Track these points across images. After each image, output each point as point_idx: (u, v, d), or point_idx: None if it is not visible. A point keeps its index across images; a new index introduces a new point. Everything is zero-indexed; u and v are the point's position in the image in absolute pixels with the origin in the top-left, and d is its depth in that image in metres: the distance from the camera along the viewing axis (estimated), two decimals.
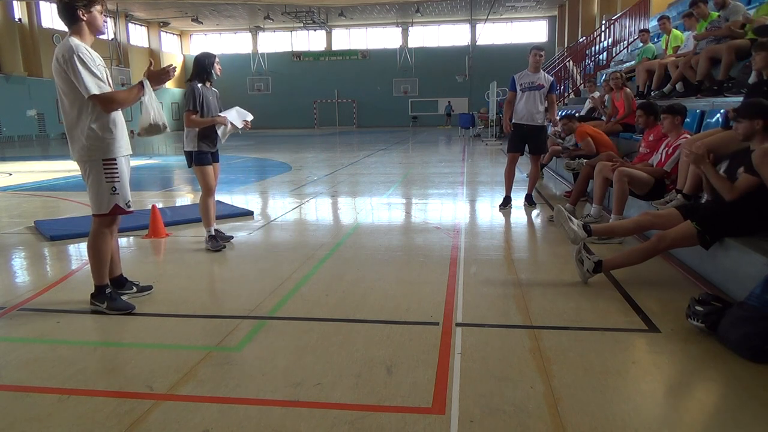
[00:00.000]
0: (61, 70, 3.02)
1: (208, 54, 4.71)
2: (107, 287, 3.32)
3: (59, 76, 3.05)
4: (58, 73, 3.04)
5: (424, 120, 39.43)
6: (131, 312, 3.26)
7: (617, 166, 4.92)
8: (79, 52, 2.98)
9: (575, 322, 3.01)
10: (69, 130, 3.15)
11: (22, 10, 28.10)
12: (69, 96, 3.08)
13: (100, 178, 3.15)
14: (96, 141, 3.10)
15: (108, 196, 3.17)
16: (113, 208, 3.20)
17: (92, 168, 3.15)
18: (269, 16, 34.37)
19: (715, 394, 2.39)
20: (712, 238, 3.34)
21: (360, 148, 17.49)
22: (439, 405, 2.18)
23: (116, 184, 3.19)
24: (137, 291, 3.55)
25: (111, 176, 3.16)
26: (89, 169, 3.16)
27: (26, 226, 5.80)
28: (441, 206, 7.07)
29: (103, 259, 3.28)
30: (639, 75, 8.72)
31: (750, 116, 3.38)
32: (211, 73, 4.67)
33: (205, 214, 4.79)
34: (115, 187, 3.18)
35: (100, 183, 3.15)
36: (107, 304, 3.26)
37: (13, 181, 10.17)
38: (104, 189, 3.16)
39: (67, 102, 3.11)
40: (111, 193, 3.17)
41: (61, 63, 3.00)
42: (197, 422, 2.09)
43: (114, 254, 3.43)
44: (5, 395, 2.34)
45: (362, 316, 3.18)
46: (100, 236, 3.25)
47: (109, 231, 3.28)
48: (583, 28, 26.52)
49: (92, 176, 3.16)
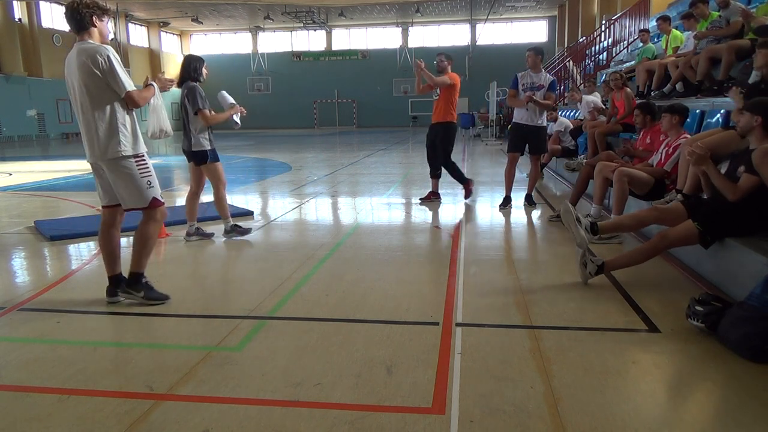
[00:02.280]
0: (90, 70, 3.08)
1: (197, 57, 4.96)
2: (143, 276, 3.40)
3: (89, 77, 3.10)
4: (88, 73, 3.09)
5: (424, 120, 39.34)
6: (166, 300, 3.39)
7: (617, 166, 4.92)
8: (111, 52, 3.12)
9: (575, 322, 3.01)
10: (93, 130, 3.19)
11: (22, 10, 28.08)
12: (97, 96, 3.15)
13: (134, 174, 3.26)
14: (128, 137, 3.24)
15: (145, 190, 3.29)
16: (152, 201, 3.32)
17: (126, 165, 3.24)
18: (269, 16, 34.36)
19: (715, 394, 2.39)
20: (712, 238, 3.34)
21: (360, 148, 17.49)
22: (439, 405, 2.18)
23: (151, 179, 3.32)
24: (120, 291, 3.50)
25: (144, 171, 3.30)
26: (121, 167, 3.23)
27: (26, 226, 5.80)
28: (441, 206, 7.07)
29: (150, 248, 3.40)
30: (639, 75, 8.72)
31: (752, 111, 3.39)
32: (201, 75, 4.84)
33: (225, 207, 5.06)
34: (150, 181, 3.32)
35: (136, 178, 3.26)
36: (144, 293, 3.36)
37: (13, 181, 10.17)
38: (142, 184, 3.28)
39: (93, 102, 3.15)
40: (148, 187, 3.30)
41: (93, 64, 3.07)
42: (197, 422, 2.09)
43: (116, 251, 3.46)
44: (5, 395, 2.34)
45: (362, 316, 3.18)
46: (153, 223, 3.37)
47: (162, 220, 3.44)
48: (583, 28, 26.51)
49: (126, 173, 3.24)
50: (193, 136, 4.81)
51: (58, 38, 30.29)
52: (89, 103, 3.16)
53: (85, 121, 3.22)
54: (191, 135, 4.82)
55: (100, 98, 3.15)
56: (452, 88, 6.63)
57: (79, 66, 3.11)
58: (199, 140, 4.82)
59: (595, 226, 3.65)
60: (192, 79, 4.81)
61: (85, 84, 3.12)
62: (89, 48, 3.11)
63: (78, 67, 3.11)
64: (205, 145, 4.84)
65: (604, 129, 7.38)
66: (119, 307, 3.37)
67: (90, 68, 3.08)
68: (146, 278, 3.42)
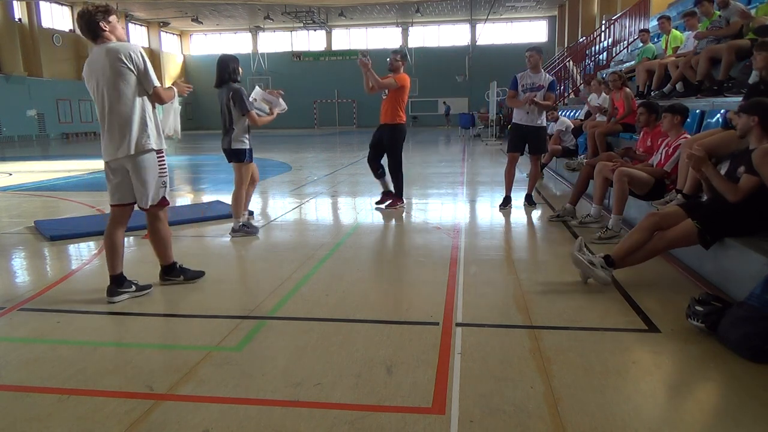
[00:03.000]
0: (119, 68, 3.21)
1: (234, 57, 5.10)
2: (176, 263, 3.73)
3: (118, 75, 3.23)
4: (117, 72, 3.22)
5: (424, 120, 39.41)
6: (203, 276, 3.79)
7: (617, 166, 4.92)
8: (141, 50, 3.31)
9: (575, 322, 3.01)
10: (123, 126, 3.30)
11: (22, 10, 28.10)
12: (126, 93, 3.27)
13: (154, 170, 3.42)
14: (154, 132, 3.40)
15: (159, 188, 3.48)
16: (161, 200, 3.52)
17: (147, 160, 3.39)
18: (269, 16, 34.38)
19: (715, 394, 2.39)
20: (712, 238, 3.34)
21: (360, 148, 17.47)
22: (439, 405, 2.18)
23: (165, 180, 3.52)
24: (136, 290, 3.54)
25: (162, 170, 3.48)
26: (142, 163, 3.37)
27: (26, 226, 5.80)
28: (441, 206, 7.08)
29: (168, 241, 3.67)
30: (639, 75, 8.72)
31: (748, 111, 3.41)
32: (239, 75, 5.04)
33: (241, 206, 5.19)
34: (165, 182, 3.52)
35: (154, 175, 3.43)
36: (183, 276, 3.73)
37: (13, 181, 10.16)
38: (158, 183, 3.46)
39: (122, 99, 3.27)
40: (161, 186, 3.49)
41: (127, 60, 3.21)
42: (197, 422, 2.09)
43: (120, 250, 3.53)
44: (5, 395, 2.34)
45: (362, 316, 3.18)
46: (161, 222, 3.59)
47: (164, 216, 3.61)
48: (583, 28, 26.53)
49: (146, 169, 3.39)
50: (235, 136, 5.02)
51: (58, 38, 30.30)
52: (119, 99, 3.27)
53: (112, 118, 3.31)
54: (232, 134, 5.03)
55: (129, 93, 3.28)
56: (400, 89, 6.28)
57: (109, 64, 3.22)
58: (241, 139, 5.04)
59: (609, 258, 3.58)
60: (232, 80, 4.98)
61: (114, 81, 3.24)
62: (119, 46, 3.24)
63: (108, 65, 3.22)
64: (245, 144, 5.07)
65: (604, 129, 7.38)
66: (119, 307, 3.37)
67: (120, 65, 3.21)
68: (179, 263, 3.77)
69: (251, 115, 4.96)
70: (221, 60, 5.05)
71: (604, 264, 3.51)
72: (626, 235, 3.82)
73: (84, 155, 17.23)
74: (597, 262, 3.51)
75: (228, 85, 4.97)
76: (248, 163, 5.13)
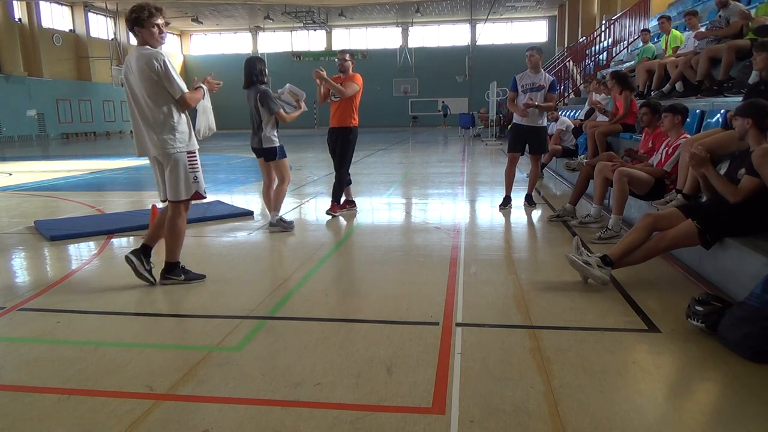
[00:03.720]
0: (147, 74, 3.41)
1: (260, 58, 5.41)
2: (179, 263, 3.80)
3: (146, 81, 3.43)
4: (145, 77, 3.42)
5: (424, 120, 39.42)
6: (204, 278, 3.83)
7: (617, 166, 4.92)
8: (166, 57, 3.47)
9: (575, 322, 3.01)
10: (150, 127, 3.52)
11: (22, 10, 28.10)
12: (153, 98, 3.47)
13: (185, 169, 3.61)
14: (182, 135, 3.58)
15: (190, 184, 3.64)
16: (194, 195, 3.69)
17: (178, 160, 3.58)
18: (269, 16, 34.37)
19: (716, 394, 2.39)
20: (712, 238, 3.34)
21: (360, 148, 17.39)
22: (439, 405, 2.18)
23: (197, 174, 3.68)
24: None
25: (193, 167, 3.66)
26: (174, 162, 3.57)
27: (26, 226, 5.80)
28: (441, 206, 7.08)
29: (182, 239, 3.78)
30: (639, 75, 8.72)
31: (742, 114, 3.43)
32: (266, 76, 5.32)
33: (281, 201, 5.44)
34: (197, 176, 3.67)
35: (185, 172, 3.61)
36: (184, 276, 3.78)
37: (13, 181, 10.16)
38: (188, 178, 3.62)
39: (151, 103, 3.48)
40: (193, 181, 3.65)
41: (149, 68, 3.39)
42: (197, 422, 2.09)
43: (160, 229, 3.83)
44: (5, 395, 2.34)
45: (362, 316, 3.18)
46: (180, 217, 3.72)
47: (186, 213, 3.77)
48: (583, 28, 26.52)
49: (178, 167, 3.59)
50: (265, 135, 5.25)
51: (58, 38, 30.31)
52: (147, 103, 3.48)
53: (142, 120, 3.53)
54: (263, 133, 5.23)
55: (156, 99, 3.46)
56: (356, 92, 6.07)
57: (138, 70, 3.43)
58: (270, 138, 5.27)
59: (606, 258, 3.58)
60: (259, 81, 5.25)
61: (143, 86, 3.45)
62: (146, 53, 3.43)
63: (137, 71, 3.44)
64: (275, 142, 5.29)
65: (604, 129, 7.37)
66: (119, 307, 3.38)
67: (148, 73, 3.40)
68: (182, 264, 3.82)
69: (280, 114, 5.22)
70: (249, 62, 5.31)
71: (601, 263, 3.52)
72: (624, 234, 3.83)
73: (84, 155, 17.23)
74: (593, 262, 3.51)
75: (256, 86, 5.21)
76: (282, 158, 5.36)
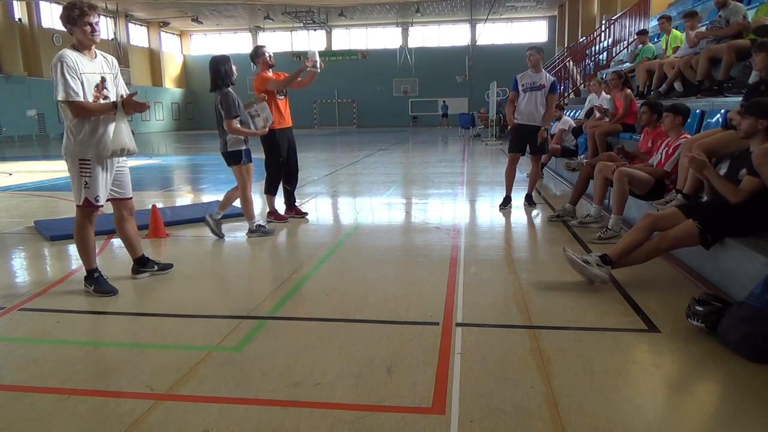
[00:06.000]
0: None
1: (224, 57, 4.94)
2: (95, 271, 3.63)
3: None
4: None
5: (424, 120, 39.41)
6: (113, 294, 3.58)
7: (617, 166, 4.91)
8: (65, 59, 3.32)
9: (575, 322, 3.01)
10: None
11: (22, 10, 28.08)
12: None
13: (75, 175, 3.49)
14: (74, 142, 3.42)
15: (80, 190, 3.49)
16: (84, 201, 3.51)
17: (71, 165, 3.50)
18: (269, 16, 34.36)
19: (716, 394, 2.39)
20: (713, 238, 3.34)
21: (360, 148, 17.49)
22: (439, 405, 2.18)
23: (87, 179, 3.48)
24: (158, 269, 3.96)
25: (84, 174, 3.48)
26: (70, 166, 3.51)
27: (26, 226, 5.80)
28: (441, 206, 7.07)
29: (86, 247, 3.60)
30: (639, 75, 8.72)
31: (757, 114, 3.35)
32: (232, 76, 4.89)
33: (251, 205, 5.19)
34: (87, 182, 3.48)
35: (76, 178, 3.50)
36: (94, 287, 3.58)
37: (13, 181, 10.17)
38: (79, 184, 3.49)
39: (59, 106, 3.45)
40: (84, 187, 3.48)
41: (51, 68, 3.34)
42: (197, 422, 2.09)
43: (133, 239, 3.85)
44: (5, 395, 2.33)
45: (362, 316, 3.18)
46: (80, 226, 3.58)
47: (87, 221, 3.58)
48: (583, 28, 26.52)
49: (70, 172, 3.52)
50: (229, 138, 4.96)
51: (58, 38, 30.26)
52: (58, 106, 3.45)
53: None
54: (227, 136, 4.97)
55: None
56: None
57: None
58: (234, 141, 4.97)
59: (606, 257, 3.57)
60: (224, 84, 4.88)
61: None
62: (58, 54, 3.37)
63: None
64: (240, 145, 5.00)
65: (604, 129, 7.38)
66: (119, 307, 3.38)
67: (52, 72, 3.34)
68: (98, 273, 3.64)
69: (229, 122, 4.81)
70: (212, 63, 4.91)
71: (600, 262, 3.52)
72: (624, 234, 3.82)
73: None
74: (592, 261, 3.52)
75: (220, 89, 4.87)
76: (246, 163, 5.04)
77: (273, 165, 5.86)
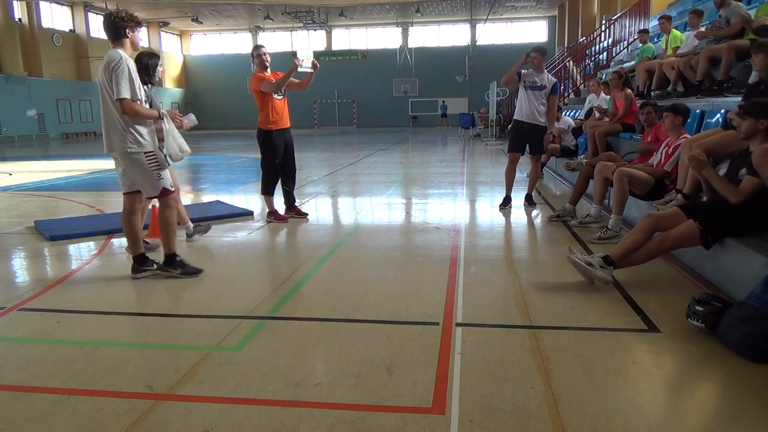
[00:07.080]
0: (104, 72, 3.53)
1: (151, 54, 4.65)
2: (176, 255, 3.87)
3: (104, 78, 3.55)
4: (104, 75, 3.54)
5: (424, 120, 39.42)
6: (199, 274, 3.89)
7: (617, 166, 4.91)
8: (126, 61, 3.54)
9: (575, 322, 3.01)
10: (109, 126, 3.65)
11: (22, 10, 28.08)
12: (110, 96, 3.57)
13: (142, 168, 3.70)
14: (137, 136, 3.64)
15: (156, 181, 3.75)
16: (162, 191, 3.78)
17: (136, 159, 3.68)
18: (269, 16, 34.35)
19: (716, 394, 2.39)
20: (713, 238, 3.34)
21: (360, 148, 17.49)
22: (439, 405, 2.18)
23: (160, 171, 3.76)
24: (158, 269, 3.94)
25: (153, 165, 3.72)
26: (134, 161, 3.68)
27: (26, 226, 5.80)
28: (441, 206, 7.07)
29: (172, 230, 3.87)
30: (639, 75, 8.72)
31: (757, 115, 3.34)
32: (154, 75, 4.47)
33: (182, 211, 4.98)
34: (160, 174, 3.75)
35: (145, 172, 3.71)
36: (180, 270, 3.84)
37: (13, 181, 10.16)
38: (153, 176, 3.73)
39: (110, 101, 3.59)
40: (157, 178, 3.75)
41: (106, 66, 3.51)
42: (197, 422, 2.09)
43: (138, 234, 3.94)
44: (5, 395, 2.33)
45: (362, 316, 3.18)
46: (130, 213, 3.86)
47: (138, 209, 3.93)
48: (583, 28, 26.52)
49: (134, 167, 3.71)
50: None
51: (58, 38, 30.30)
52: (107, 101, 3.59)
53: (104, 117, 3.67)
54: None
55: (112, 98, 3.55)
56: None
57: (102, 68, 3.57)
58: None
59: (608, 258, 3.57)
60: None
61: (103, 84, 3.57)
62: (110, 54, 3.55)
63: (102, 68, 3.58)
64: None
65: (604, 129, 7.38)
66: (119, 307, 3.38)
67: (104, 70, 3.53)
68: (179, 256, 3.90)
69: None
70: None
71: (603, 263, 3.51)
72: (626, 235, 3.82)
73: (84, 155, 17.22)
74: (595, 262, 3.51)
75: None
76: None
77: (268, 164, 5.85)
